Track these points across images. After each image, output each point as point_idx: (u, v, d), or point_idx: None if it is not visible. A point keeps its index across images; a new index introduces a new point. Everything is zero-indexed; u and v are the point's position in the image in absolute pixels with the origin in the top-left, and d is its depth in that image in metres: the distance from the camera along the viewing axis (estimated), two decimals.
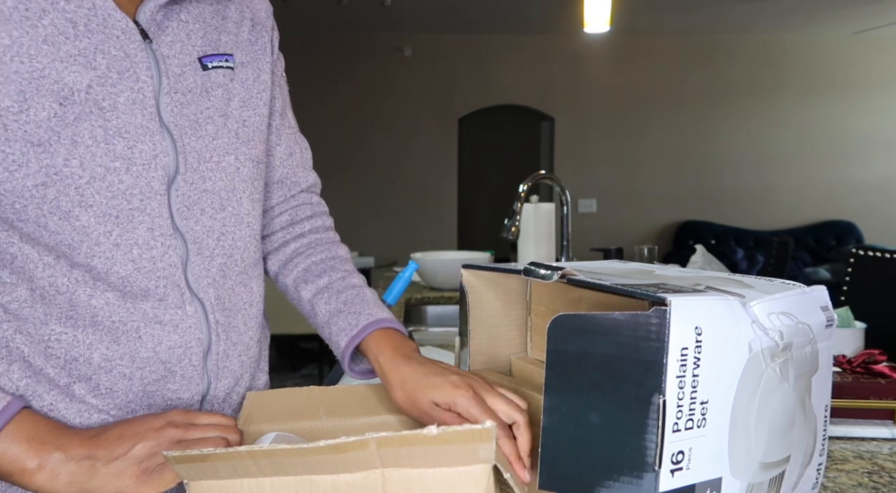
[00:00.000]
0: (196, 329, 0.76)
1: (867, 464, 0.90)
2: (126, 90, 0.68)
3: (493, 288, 0.84)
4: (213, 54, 0.77)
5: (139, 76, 0.69)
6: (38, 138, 0.63)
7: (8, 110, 0.62)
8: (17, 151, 0.63)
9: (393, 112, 6.20)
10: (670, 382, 0.54)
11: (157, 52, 0.71)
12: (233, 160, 0.79)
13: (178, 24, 0.74)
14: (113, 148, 0.67)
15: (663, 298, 0.55)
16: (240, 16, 0.83)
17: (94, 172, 0.66)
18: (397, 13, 5.41)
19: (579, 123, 6.41)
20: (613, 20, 3.29)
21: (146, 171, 0.70)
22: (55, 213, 0.65)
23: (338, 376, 1.32)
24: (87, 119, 0.66)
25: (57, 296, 0.69)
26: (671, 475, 0.55)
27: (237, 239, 0.81)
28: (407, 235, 6.16)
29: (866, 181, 6.53)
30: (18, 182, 0.64)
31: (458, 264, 2.43)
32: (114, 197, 0.68)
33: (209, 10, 0.78)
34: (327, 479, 0.56)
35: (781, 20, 5.81)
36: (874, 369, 1.06)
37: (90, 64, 0.66)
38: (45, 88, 0.63)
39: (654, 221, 6.53)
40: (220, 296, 0.79)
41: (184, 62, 0.74)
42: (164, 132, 0.72)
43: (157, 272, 0.73)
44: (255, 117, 0.83)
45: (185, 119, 0.73)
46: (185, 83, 0.74)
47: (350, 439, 0.52)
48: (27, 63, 0.63)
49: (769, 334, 0.61)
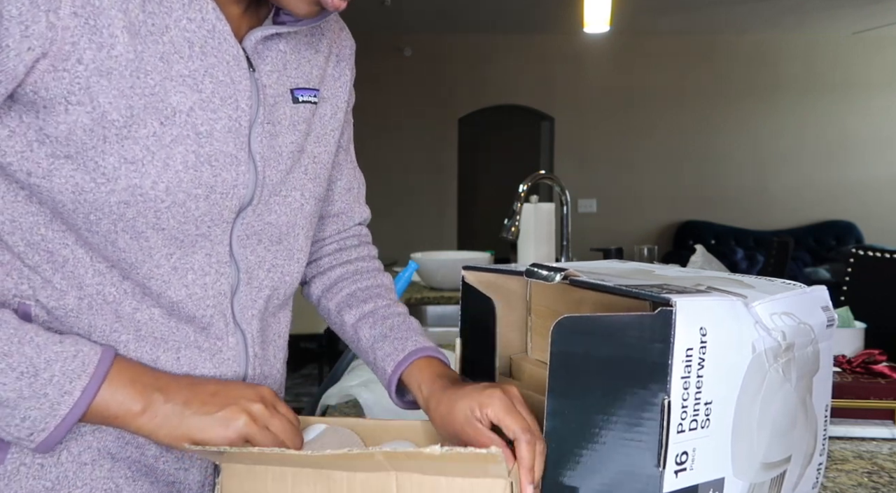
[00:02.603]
0: (234, 362, 0.76)
1: (867, 464, 0.90)
2: (224, 117, 0.67)
3: (494, 289, 0.84)
4: (304, 88, 0.77)
5: (239, 104, 0.69)
6: (132, 156, 0.62)
7: (113, 124, 0.61)
8: (110, 165, 0.62)
9: (393, 112, 6.20)
10: (675, 383, 0.54)
11: (258, 82, 0.71)
12: (298, 196, 0.78)
13: (277, 53, 0.73)
14: (200, 175, 0.66)
15: (668, 298, 0.55)
16: (329, 50, 0.82)
17: (176, 199, 0.65)
18: (397, 13, 5.41)
19: (579, 123, 6.41)
20: (613, 20, 3.29)
21: (223, 199, 0.69)
22: (128, 232, 0.65)
23: (338, 376, 1.32)
24: (182, 142, 0.65)
25: (104, 305, 0.68)
26: (675, 475, 0.55)
27: (286, 273, 0.80)
28: (407, 235, 6.15)
29: (866, 181, 6.53)
30: (102, 196, 0.62)
31: (458, 264, 2.43)
32: (186, 222, 0.67)
33: (304, 42, 0.78)
34: (343, 475, 0.58)
35: (781, 20, 5.82)
36: (874, 369, 1.06)
37: (197, 86, 0.65)
38: (151, 107, 0.63)
39: (654, 221, 6.53)
40: (261, 329, 0.79)
41: (278, 93, 0.73)
42: (250, 163, 0.71)
43: (206, 300, 0.72)
44: (325, 155, 0.82)
45: (271, 151, 0.73)
46: (276, 114, 0.73)
47: (356, 450, 0.54)
48: (142, 79, 0.62)
49: (772, 335, 0.61)
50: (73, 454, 0.69)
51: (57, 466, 0.69)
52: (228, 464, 0.64)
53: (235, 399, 0.67)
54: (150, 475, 0.74)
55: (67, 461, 0.69)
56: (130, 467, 0.73)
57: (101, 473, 0.71)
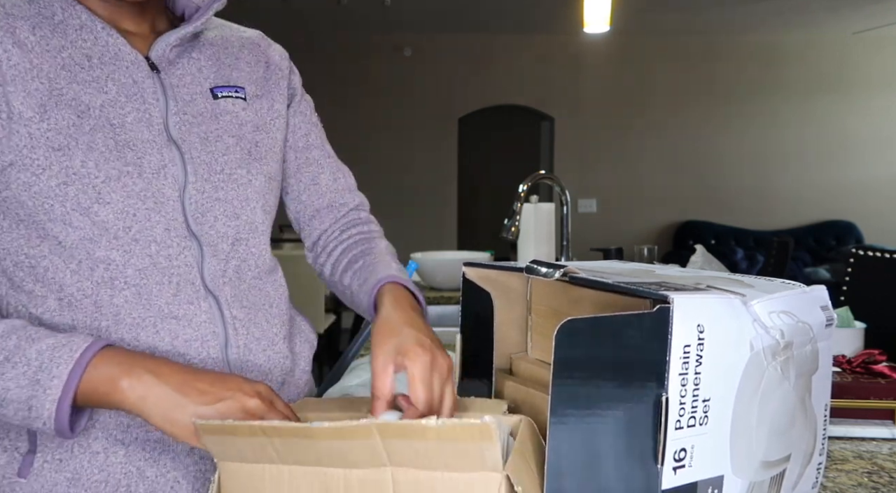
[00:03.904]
0: (210, 324, 0.83)
1: (867, 464, 0.90)
2: (133, 111, 0.79)
3: (494, 286, 0.84)
4: (223, 86, 0.89)
5: (146, 99, 0.81)
6: (58, 143, 0.74)
7: (31, 120, 0.74)
8: (41, 156, 0.74)
9: (393, 112, 6.20)
10: (673, 379, 0.54)
11: (164, 81, 0.83)
12: (244, 173, 0.88)
13: (189, 60, 0.87)
14: (123, 156, 0.77)
15: (665, 296, 0.55)
16: (254, 60, 0.95)
17: (109, 174, 0.76)
18: (397, 13, 5.41)
19: (579, 123, 6.41)
20: (613, 20, 3.30)
21: (156, 178, 0.79)
22: (76, 209, 0.75)
23: (338, 376, 1.32)
24: (100, 130, 0.77)
25: (83, 300, 0.77)
26: (674, 472, 0.55)
27: (251, 245, 0.89)
28: (407, 235, 6.14)
29: (866, 181, 6.53)
30: (44, 184, 0.74)
31: (458, 263, 2.41)
32: (129, 197, 0.77)
33: (223, 53, 0.92)
34: (339, 472, 0.59)
35: (781, 20, 5.82)
36: (874, 369, 1.06)
37: (102, 88, 0.78)
38: (63, 102, 0.75)
39: (654, 221, 6.53)
40: (236, 294, 0.86)
41: (194, 91, 0.86)
42: (171, 146, 0.82)
43: (171, 269, 0.80)
44: (269, 140, 0.93)
45: (193, 136, 0.84)
46: (195, 108, 0.85)
47: (353, 423, 0.54)
48: (46, 83, 0.75)
49: (770, 333, 0.61)
50: (83, 446, 0.78)
51: (72, 459, 0.78)
52: (225, 462, 0.64)
53: (232, 393, 0.69)
54: (168, 451, 0.81)
55: (80, 453, 0.78)
56: (145, 448, 0.80)
57: (117, 459, 0.79)
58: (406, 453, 0.56)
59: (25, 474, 0.78)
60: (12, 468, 0.78)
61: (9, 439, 0.79)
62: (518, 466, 0.58)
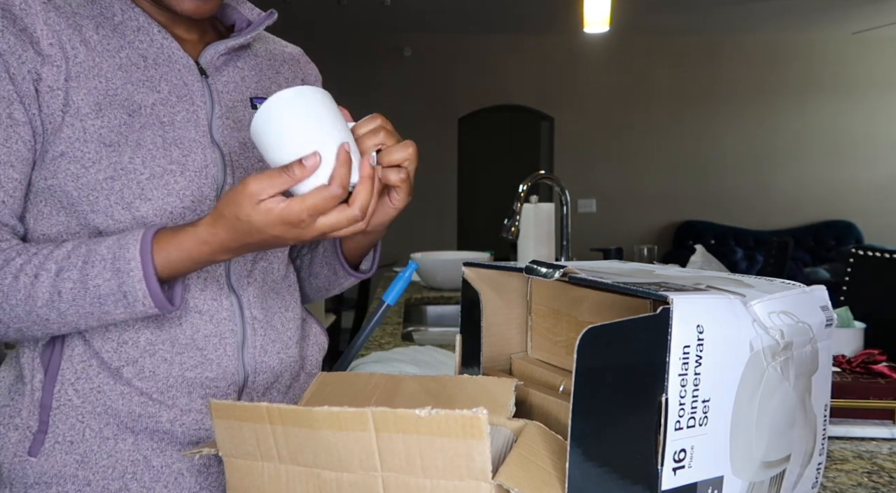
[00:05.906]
0: (230, 321, 0.86)
1: (867, 464, 0.90)
2: (182, 111, 0.84)
3: (494, 287, 0.84)
4: (262, 97, 0.94)
5: (194, 101, 0.85)
6: (109, 140, 0.78)
7: (87, 116, 0.78)
8: (91, 150, 0.78)
9: (393, 112, 6.17)
10: (672, 380, 0.54)
11: (211, 86, 0.88)
12: None
13: (235, 69, 0.92)
14: (170, 154, 0.81)
15: (665, 296, 0.55)
16: (292, 75, 1.01)
17: (154, 171, 0.80)
18: (397, 13, 5.41)
19: (579, 123, 6.41)
20: (613, 20, 3.30)
21: (197, 177, 0.83)
22: (119, 203, 0.79)
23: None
24: (150, 129, 0.81)
25: None
26: (673, 473, 0.55)
27: (278, 250, 0.94)
28: (407, 235, 6.15)
29: (866, 181, 6.54)
30: (92, 176, 0.78)
31: (458, 264, 2.42)
32: (169, 195, 0.81)
33: (265, 65, 0.97)
34: (332, 475, 0.60)
35: (781, 20, 5.82)
36: (874, 369, 1.06)
37: (155, 88, 0.83)
38: (117, 102, 0.80)
39: (654, 221, 6.53)
40: (258, 295, 0.90)
41: (236, 99, 0.90)
42: (214, 147, 0.86)
43: None
44: None
45: (234, 140, 0.88)
46: (236, 114, 0.89)
47: (350, 409, 0.55)
48: (104, 82, 0.79)
49: (770, 333, 0.61)
50: (94, 431, 0.82)
51: (83, 442, 0.81)
52: (230, 459, 0.65)
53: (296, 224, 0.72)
54: (175, 443, 0.84)
55: (90, 437, 0.82)
56: (153, 437, 0.83)
57: (126, 446, 0.82)
58: (398, 451, 0.56)
59: (35, 452, 0.80)
60: (23, 446, 0.81)
61: (20, 417, 0.82)
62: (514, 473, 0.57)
